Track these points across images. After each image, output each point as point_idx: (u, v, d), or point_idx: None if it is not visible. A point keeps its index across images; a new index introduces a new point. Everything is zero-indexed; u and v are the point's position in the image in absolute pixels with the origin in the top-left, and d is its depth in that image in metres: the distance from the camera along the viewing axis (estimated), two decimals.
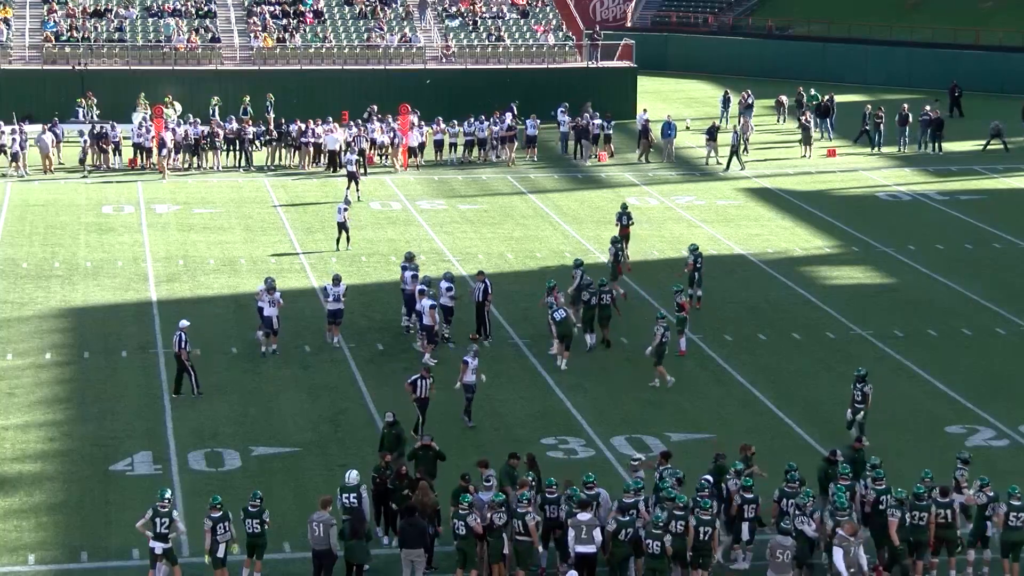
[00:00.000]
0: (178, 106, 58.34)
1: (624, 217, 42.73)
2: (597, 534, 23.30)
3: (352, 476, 24.28)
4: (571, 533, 23.33)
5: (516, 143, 57.04)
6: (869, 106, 62.60)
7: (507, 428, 29.91)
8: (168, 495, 23.45)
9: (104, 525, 25.37)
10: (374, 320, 36.82)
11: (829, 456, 25.99)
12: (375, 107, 58.08)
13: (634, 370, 34.16)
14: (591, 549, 23.25)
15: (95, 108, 58.96)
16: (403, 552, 23.49)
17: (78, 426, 30.39)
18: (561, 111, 59.25)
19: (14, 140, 52.86)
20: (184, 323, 32.13)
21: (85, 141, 54.08)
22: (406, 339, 35.52)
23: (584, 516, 23.38)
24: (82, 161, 53.71)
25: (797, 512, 23.89)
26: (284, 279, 40.07)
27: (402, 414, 28.47)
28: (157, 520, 23.09)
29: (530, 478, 24.58)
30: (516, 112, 58.00)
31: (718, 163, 56.95)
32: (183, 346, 31.56)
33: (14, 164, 52.73)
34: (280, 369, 33.93)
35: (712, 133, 57.58)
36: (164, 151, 53.28)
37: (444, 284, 35.74)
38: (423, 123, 56.80)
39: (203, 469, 28.25)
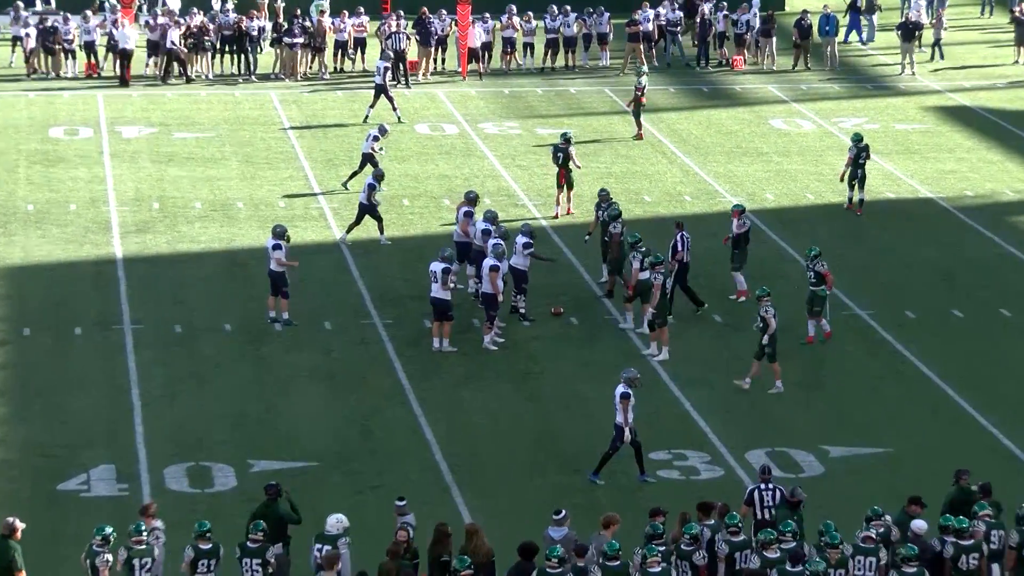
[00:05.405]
0: None
1: None
2: None
3: (332, 521, 23.97)
4: None
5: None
6: None
7: (601, 434, 29.68)
8: (143, 529, 23.57)
9: (52, 563, 25.51)
10: (418, 286, 36.72)
11: None
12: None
13: (779, 359, 33.99)
14: None
15: None
16: None
17: (16, 429, 30.62)
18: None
19: None
20: None
21: (28, 38, 54.47)
22: (465, 310, 35.50)
23: None
24: (28, 64, 54.28)
25: None
26: (298, 230, 40.13)
27: (464, 418, 28.10)
28: (136, 562, 23.27)
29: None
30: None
31: (912, 73, 56.56)
32: None
33: None
34: (290, 353, 34.04)
35: (907, 31, 56.97)
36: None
37: (521, 239, 35.62)
38: (488, 17, 56.70)
39: (185, 490, 28.38)
